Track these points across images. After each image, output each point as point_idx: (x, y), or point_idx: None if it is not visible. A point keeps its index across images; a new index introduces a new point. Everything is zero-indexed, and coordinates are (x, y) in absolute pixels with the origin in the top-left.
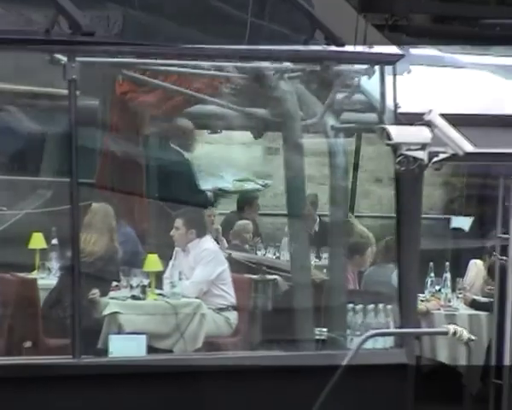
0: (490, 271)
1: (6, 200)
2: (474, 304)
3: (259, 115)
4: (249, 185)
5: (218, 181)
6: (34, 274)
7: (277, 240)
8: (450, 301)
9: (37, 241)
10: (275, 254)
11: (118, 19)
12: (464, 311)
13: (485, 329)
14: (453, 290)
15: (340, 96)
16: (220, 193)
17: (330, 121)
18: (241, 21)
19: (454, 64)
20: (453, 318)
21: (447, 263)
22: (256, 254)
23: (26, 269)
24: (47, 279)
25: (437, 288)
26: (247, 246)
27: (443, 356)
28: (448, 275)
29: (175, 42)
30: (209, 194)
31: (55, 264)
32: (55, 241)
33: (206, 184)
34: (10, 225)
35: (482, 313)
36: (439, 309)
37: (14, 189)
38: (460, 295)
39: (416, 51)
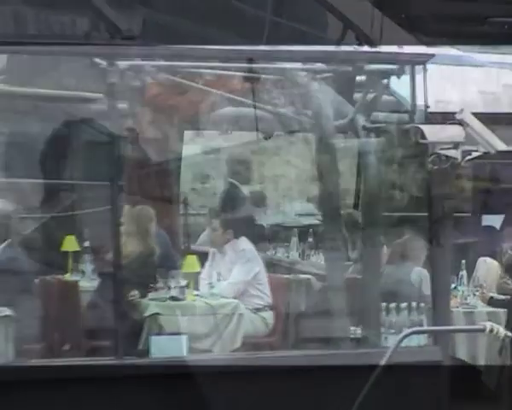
0: (507, 268)
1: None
2: (491, 302)
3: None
4: (308, 220)
5: (280, 215)
6: (67, 277)
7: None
8: (466, 299)
9: (70, 243)
10: (283, 254)
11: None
12: (482, 308)
13: (503, 326)
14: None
15: (370, 96)
16: (278, 229)
17: (361, 121)
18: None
19: (474, 63)
20: (471, 315)
21: (463, 261)
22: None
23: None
24: (81, 281)
25: (453, 286)
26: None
27: (462, 354)
28: (464, 273)
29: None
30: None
31: (88, 266)
32: (87, 243)
33: (267, 219)
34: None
35: (500, 311)
36: (457, 307)
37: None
38: (477, 293)
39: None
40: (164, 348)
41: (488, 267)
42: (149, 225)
